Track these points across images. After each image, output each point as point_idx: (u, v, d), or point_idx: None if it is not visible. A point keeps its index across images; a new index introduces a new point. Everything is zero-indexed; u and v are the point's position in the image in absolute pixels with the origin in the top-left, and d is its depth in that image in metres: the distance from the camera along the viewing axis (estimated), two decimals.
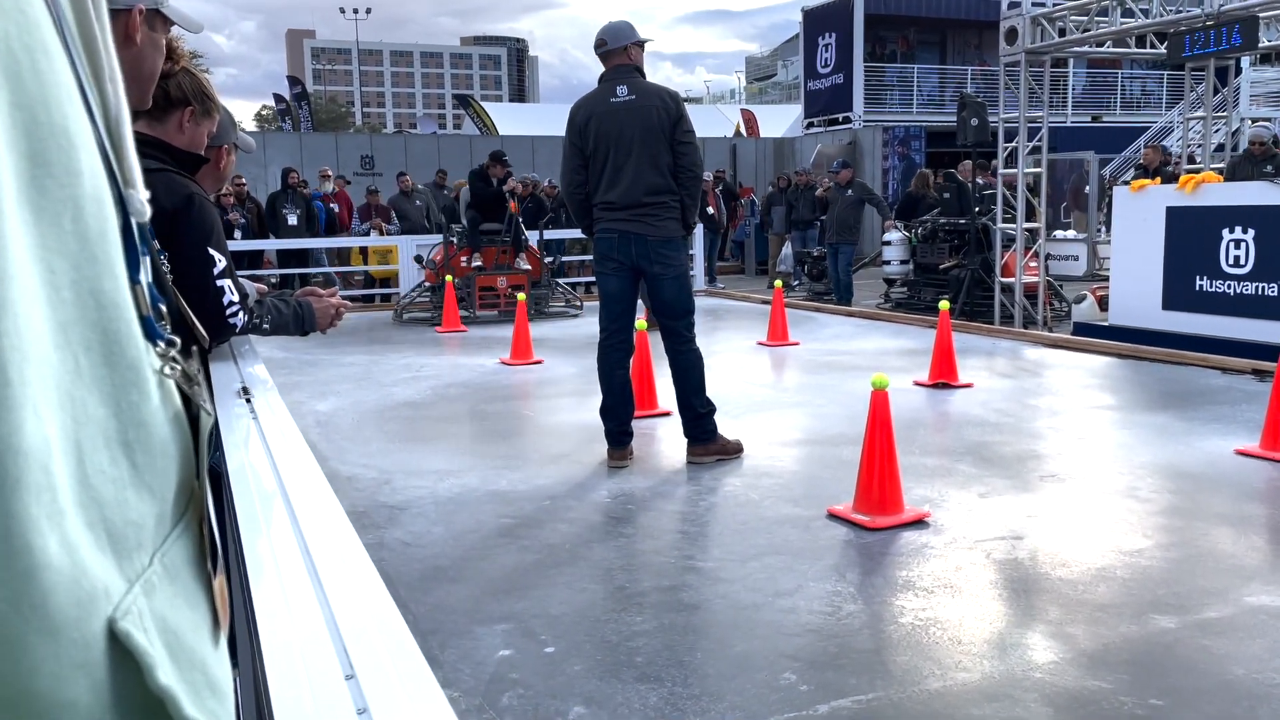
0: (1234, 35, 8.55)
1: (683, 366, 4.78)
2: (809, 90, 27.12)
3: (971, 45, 27.90)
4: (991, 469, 4.70)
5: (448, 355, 8.82)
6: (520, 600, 3.25)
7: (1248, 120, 20.04)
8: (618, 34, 4.76)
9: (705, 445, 4.82)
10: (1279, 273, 7.58)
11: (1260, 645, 2.79)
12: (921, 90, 26.53)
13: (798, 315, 10.56)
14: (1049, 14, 10.20)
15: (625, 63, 4.73)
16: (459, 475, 4.74)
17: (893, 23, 26.74)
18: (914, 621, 3.01)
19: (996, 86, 11.23)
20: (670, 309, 4.79)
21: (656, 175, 4.62)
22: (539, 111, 46.11)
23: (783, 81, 64.26)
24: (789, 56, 61.44)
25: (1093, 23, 9.97)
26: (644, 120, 4.59)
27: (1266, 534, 3.83)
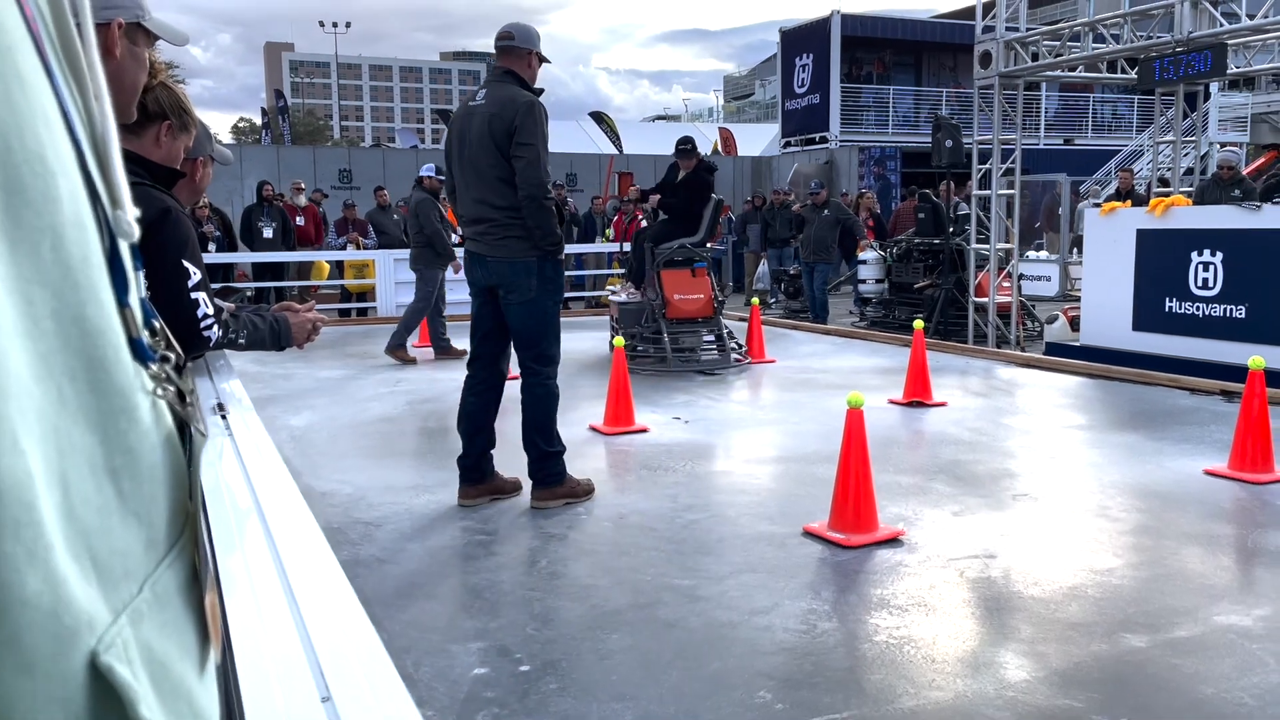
0: (1203, 62, 8.71)
1: (527, 402, 4.40)
2: (786, 110, 27.31)
3: (946, 68, 28.22)
4: (965, 487, 4.73)
5: (424, 370, 8.78)
6: (495, 618, 3.24)
7: (1216, 145, 20.37)
8: (525, 36, 4.38)
9: (550, 489, 4.39)
10: (1246, 295, 7.69)
11: (1229, 664, 2.82)
12: (897, 111, 26.79)
13: (774, 333, 10.60)
14: (1022, 39, 10.34)
15: (509, 67, 4.34)
16: (435, 491, 4.71)
17: (869, 44, 27.00)
18: (888, 640, 3.02)
19: (971, 108, 11.37)
20: (517, 338, 4.39)
21: (490, 190, 4.22)
22: None
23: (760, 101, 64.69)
24: (767, 76, 61.88)
25: (1065, 48, 10.12)
26: (481, 128, 4.20)
27: (1234, 553, 3.87)
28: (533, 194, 4.15)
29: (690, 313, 8.47)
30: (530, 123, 4.15)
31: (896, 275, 13.11)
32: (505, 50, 4.38)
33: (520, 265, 4.24)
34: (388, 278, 12.82)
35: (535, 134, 4.15)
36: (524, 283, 4.25)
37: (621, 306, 8.78)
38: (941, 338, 10.51)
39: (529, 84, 4.34)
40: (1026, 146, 11.78)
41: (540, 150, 4.17)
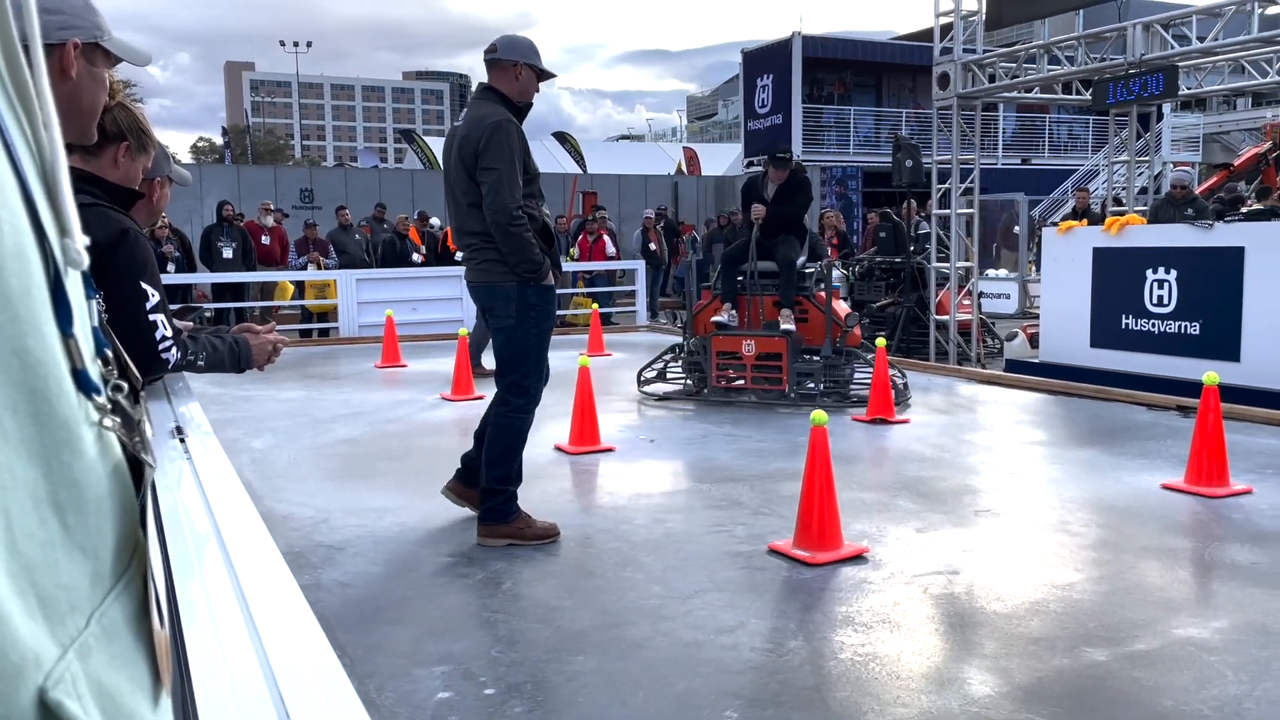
0: (1155, 83, 8.91)
1: (490, 431, 4.22)
2: (749, 130, 27.54)
3: (906, 88, 28.62)
4: (928, 504, 4.77)
5: (387, 390, 8.71)
6: (460, 641, 3.21)
7: (1169, 164, 20.81)
8: (510, 47, 4.14)
9: (491, 526, 4.14)
10: (1200, 312, 7.85)
11: (1188, 676, 2.86)
12: (858, 131, 27.11)
13: None
14: (980, 60, 10.52)
15: (492, 83, 4.16)
16: (398, 513, 4.67)
17: (829, 65, 27.34)
18: (853, 657, 3.03)
19: (930, 129, 11.53)
20: (497, 363, 4.25)
21: (467, 215, 4.10)
22: None
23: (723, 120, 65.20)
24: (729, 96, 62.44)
25: (1021, 70, 10.31)
26: (458, 151, 4.08)
27: (1192, 567, 3.93)
28: (497, 220, 3.96)
29: (858, 340, 7.73)
30: (495, 144, 3.95)
31: (859, 294, 13.22)
32: (490, 65, 4.17)
33: (499, 291, 4.09)
34: (350, 298, 12.73)
35: (499, 156, 3.95)
36: (503, 309, 4.10)
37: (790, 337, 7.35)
38: (904, 355, 10.61)
39: (512, 99, 4.12)
40: (985, 166, 11.97)
41: (504, 173, 3.95)
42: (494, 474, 4.16)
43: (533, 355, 4.14)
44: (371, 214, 16.24)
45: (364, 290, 12.81)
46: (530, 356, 4.14)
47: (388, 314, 10.65)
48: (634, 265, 14.96)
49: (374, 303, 12.48)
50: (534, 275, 4.03)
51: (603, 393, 6.82)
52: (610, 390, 8.24)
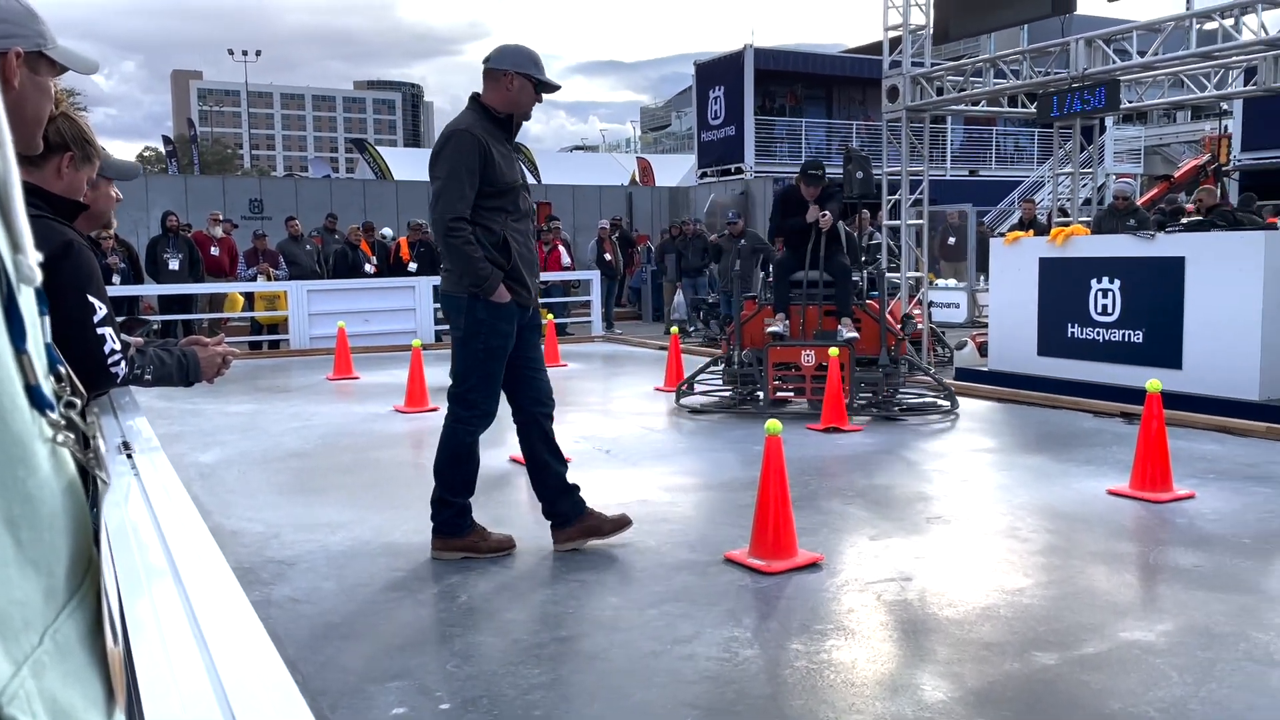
0: (1097, 97, 9.11)
1: (439, 443, 4.18)
2: (702, 141, 27.71)
3: (856, 101, 28.98)
4: (881, 511, 4.82)
5: (339, 403, 8.62)
6: (415, 656, 3.18)
7: (1112, 176, 21.29)
8: (502, 55, 4.06)
9: (445, 539, 4.11)
10: (1143, 320, 8.03)
11: (1134, 679, 2.91)
12: (809, 143, 27.39)
13: (694, 361, 10.68)
14: (928, 74, 10.69)
15: (478, 94, 4.09)
16: (351, 528, 4.62)
17: (781, 78, 27.61)
18: (808, 665, 3.05)
19: (880, 140, 11.68)
20: (450, 373, 4.18)
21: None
22: None
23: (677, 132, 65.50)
24: (683, 107, 62.76)
25: (968, 83, 10.50)
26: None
27: (1137, 571, 4.02)
28: (436, 230, 4.03)
29: (903, 348, 7.78)
30: (442, 154, 3.94)
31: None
32: (485, 74, 4.09)
33: (453, 301, 4.05)
34: (300, 309, 12.58)
35: (443, 165, 3.92)
36: (454, 320, 4.08)
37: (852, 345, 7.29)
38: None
39: (495, 109, 4.03)
40: (934, 177, 12.15)
41: (448, 184, 3.90)
42: (441, 482, 4.14)
43: (479, 372, 4.04)
44: (323, 224, 16.07)
45: (315, 302, 12.67)
46: (476, 373, 4.05)
47: (339, 325, 10.55)
48: (589, 276, 14.96)
49: (325, 314, 12.35)
50: (478, 288, 3.94)
51: (559, 404, 6.77)
52: (567, 401, 8.22)
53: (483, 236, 3.95)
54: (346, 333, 10.45)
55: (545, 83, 4.09)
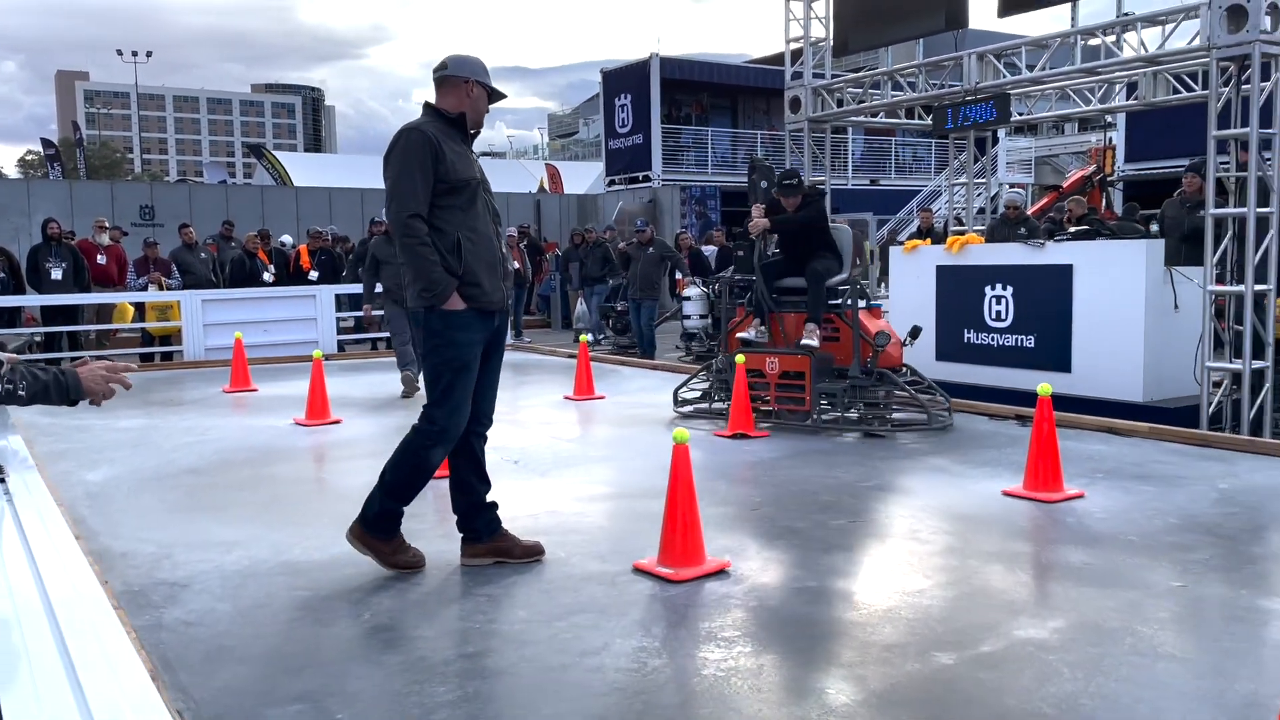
0: (989, 109, 9.44)
1: (398, 446, 4.04)
2: (610, 149, 27.80)
3: (760, 111, 29.46)
4: (787, 515, 4.88)
5: (236, 416, 8.36)
6: (316, 677, 3.09)
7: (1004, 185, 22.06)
8: (459, 64, 3.99)
9: (360, 528, 4.01)
10: (1034, 326, 8.34)
11: (1029, 676, 3.00)
12: (716, 152, 27.72)
13: (603, 369, 10.68)
14: (828, 86, 10.92)
15: (437, 100, 4.01)
16: (248, 546, 4.47)
17: (687, 87, 27.89)
18: (716, 673, 3.07)
19: (784, 150, 11.88)
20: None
21: None
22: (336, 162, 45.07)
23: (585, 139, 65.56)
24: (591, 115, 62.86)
25: (867, 95, 10.76)
26: None
27: (1032, 570, 4.15)
28: (392, 231, 3.88)
29: (896, 360, 7.27)
30: (392, 153, 3.81)
31: (719, 311, 13.49)
32: (439, 82, 4.01)
33: (415, 314, 3.94)
34: (195, 320, 12.17)
35: (394, 166, 3.80)
36: (416, 334, 4.02)
37: (815, 354, 7.04)
38: None
39: (448, 114, 3.96)
40: (836, 186, 12.41)
41: (400, 182, 3.78)
42: (385, 483, 3.97)
43: (442, 385, 3.89)
44: (219, 231, 15.60)
45: (211, 312, 12.28)
46: (439, 386, 3.90)
47: (236, 336, 10.23)
48: None
49: (222, 324, 11.97)
50: (429, 295, 3.80)
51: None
52: None
53: (435, 239, 3.81)
54: (244, 343, 10.15)
55: (498, 92, 4.09)
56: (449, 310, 3.84)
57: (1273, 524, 4.72)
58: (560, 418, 8.11)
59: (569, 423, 7.92)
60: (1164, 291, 7.67)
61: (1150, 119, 16.99)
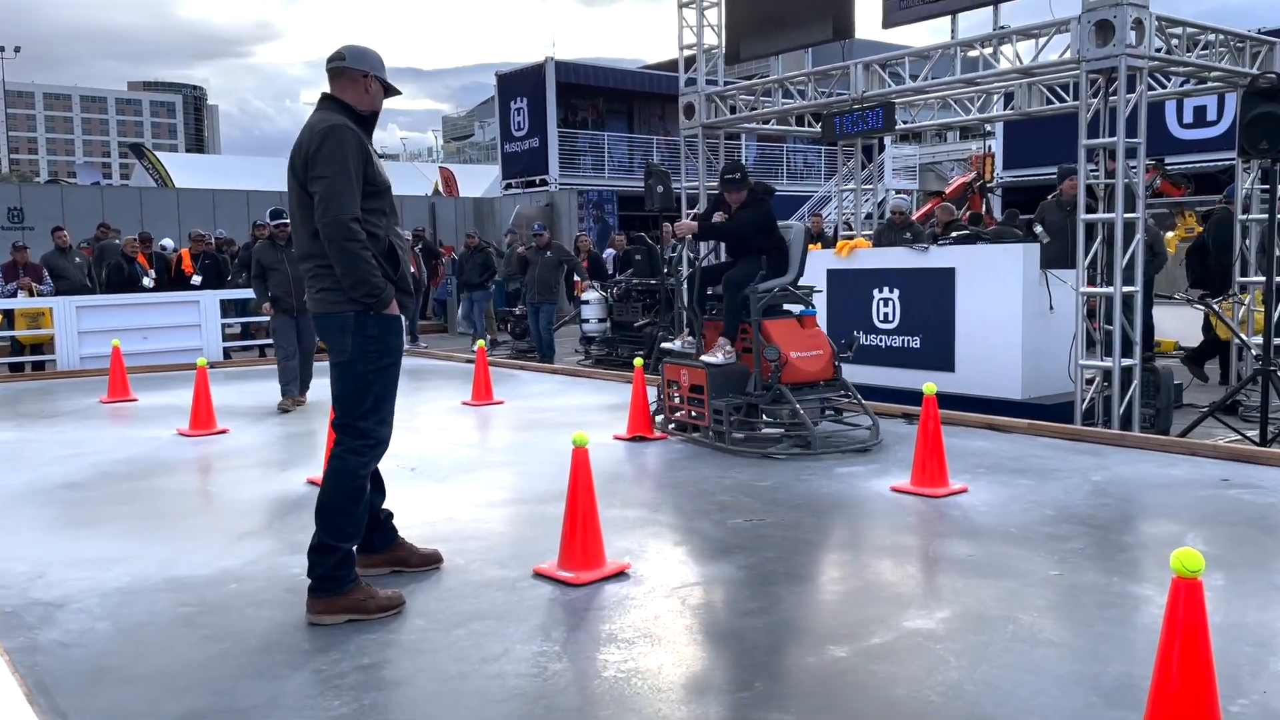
0: (875, 118, 9.72)
1: (324, 478, 3.73)
2: (506, 152, 27.62)
3: (656, 116, 29.68)
4: (686, 517, 4.94)
5: (115, 428, 8.01)
6: (204, 695, 2.99)
7: (891, 191, 22.74)
8: (358, 56, 3.79)
9: (325, 598, 3.58)
10: (919, 327, 8.62)
11: (918, 666, 3.11)
12: (612, 156, 27.81)
13: (501, 374, 10.61)
14: (721, 93, 11.08)
15: (335, 92, 3.78)
16: (129, 562, 4.30)
17: (583, 91, 27.91)
18: (616, 674, 3.09)
19: (680, 155, 12.00)
20: (332, 401, 3.78)
21: (304, 236, 3.69)
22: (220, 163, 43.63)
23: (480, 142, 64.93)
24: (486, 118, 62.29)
25: (759, 102, 10.95)
26: (290, 163, 3.70)
27: (919, 563, 4.29)
28: (330, 235, 3.53)
29: (811, 374, 6.71)
30: (325, 151, 3.55)
31: (618, 314, 13.57)
32: (334, 73, 3.77)
33: (335, 320, 3.65)
34: (68, 327, 11.63)
35: (331, 162, 3.55)
36: (338, 341, 3.65)
37: (711, 369, 6.69)
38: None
39: (355, 108, 3.75)
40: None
41: (337, 183, 3.54)
42: (326, 525, 3.61)
43: (372, 395, 3.68)
44: (94, 234, 14.92)
45: (86, 319, 11.75)
46: (369, 396, 3.67)
47: (114, 344, 9.81)
48: None
49: (98, 332, 11.47)
50: (373, 301, 3.61)
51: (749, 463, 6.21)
52: None
53: (369, 244, 3.63)
54: (122, 352, 9.74)
55: (393, 88, 3.90)
56: (388, 315, 3.71)
57: (1141, 514, 4.99)
58: (458, 423, 8.02)
59: (467, 428, 7.84)
60: (1040, 293, 8.02)
61: (1026, 128, 17.76)
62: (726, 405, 6.55)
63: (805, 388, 6.67)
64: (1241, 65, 8.25)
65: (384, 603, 3.65)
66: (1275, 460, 5.85)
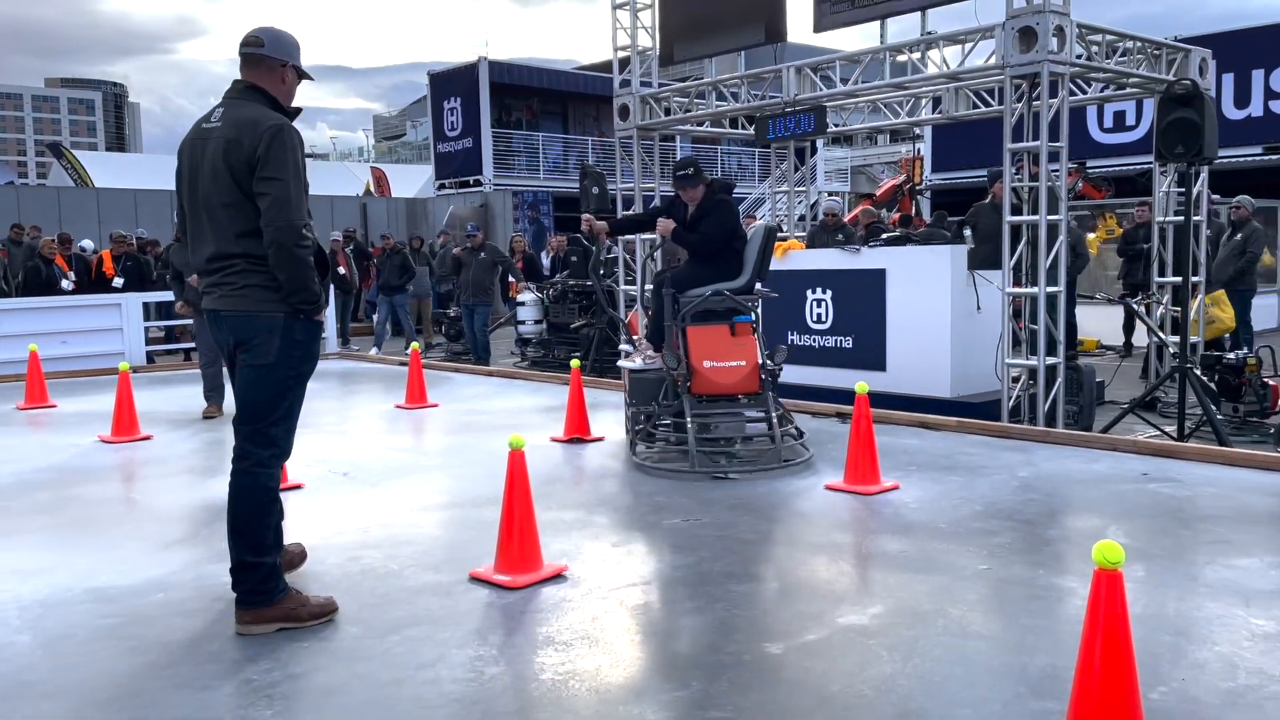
0: (807, 121, 9.83)
1: (230, 494, 3.55)
2: (439, 153, 27.35)
3: (591, 117, 29.66)
4: (623, 518, 4.94)
5: (33, 435, 7.76)
6: (130, 708, 2.91)
7: (823, 194, 23.03)
8: (278, 44, 3.63)
9: (254, 610, 3.49)
10: (851, 327, 8.74)
11: (851, 661, 3.16)
12: (548, 157, 27.72)
13: (436, 376, 10.51)
14: (656, 94, 11.11)
15: (255, 81, 3.61)
16: (49, 574, 4.16)
17: (517, 92, 27.77)
18: (554, 677, 3.08)
19: (615, 156, 12.01)
20: (240, 407, 3.59)
21: (228, 232, 3.49)
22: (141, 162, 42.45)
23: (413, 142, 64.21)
24: (418, 117, 61.62)
25: (693, 104, 11.01)
26: (215, 157, 3.47)
27: (853, 560, 4.35)
28: (280, 240, 3.39)
29: (725, 387, 6.14)
30: (276, 152, 3.41)
31: (554, 316, 13.53)
32: (252, 60, 3.59)
33: (262, 321, 3.50)
34: None
35: (283, 165, 3.42)
36: (265, 342, 3.50)
37: (634, 376, 6.46)
38: (598, 375, 10.95)
39: (281, 103, 3.61)
40: (666, 193, 12.61)
41: (290, 186, 3.43)
42: (246, 544, 3.50)
43: (287, 400, 3.58)
44: (8, 235, 14.42)
45: (2, 323, 11.35)
46: (284, 401, 3.57)
47: (31, 348, 9.49)
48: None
49: (14, 336, 11.08)
50: (309, 308, 3.52)
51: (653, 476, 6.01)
52: (300, 423, 7.82)
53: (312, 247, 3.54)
54: (40, 356, 9.43)
55: (307, 74, 3.74)
56: (316, 321, 3.63)
57: (1066, 508, 5.13)
58: (391, 427, 7.92)
59: (401, 432, 7.75)
60: (968, 294, 8.19)
61: (954, 132, 18.12)
62: (631, 414, 6.09)
63: (722, 400, 6.16)
64: (1158, 72, 8.52)
65: (316, 610, 3.57)
66: (1192, 455, 6.06)
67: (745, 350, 6.22)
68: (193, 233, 3.64)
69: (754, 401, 6.21)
